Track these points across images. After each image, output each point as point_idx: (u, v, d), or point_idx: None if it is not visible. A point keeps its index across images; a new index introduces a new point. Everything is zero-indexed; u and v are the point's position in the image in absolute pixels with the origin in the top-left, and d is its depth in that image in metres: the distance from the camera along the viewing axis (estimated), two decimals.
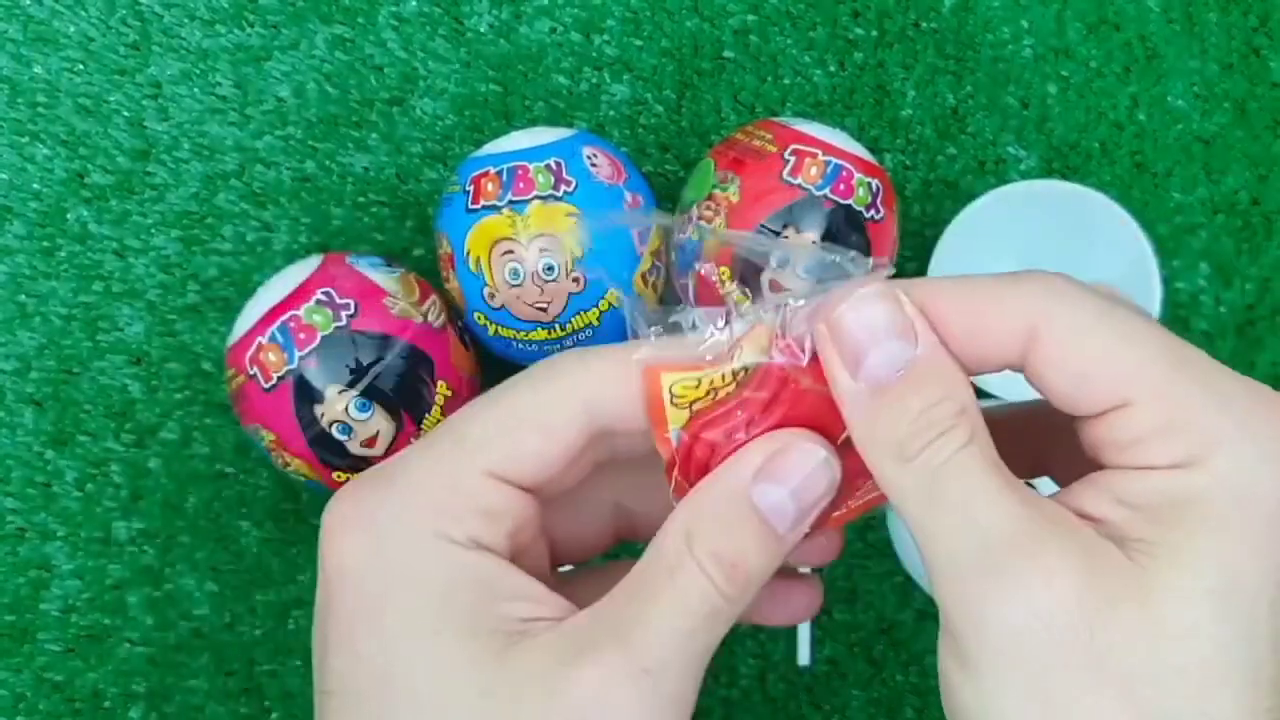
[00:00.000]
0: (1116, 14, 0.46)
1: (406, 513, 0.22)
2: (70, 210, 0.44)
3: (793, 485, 0.22)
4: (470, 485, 0.22)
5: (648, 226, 0.24)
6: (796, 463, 0.22)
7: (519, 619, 0.22)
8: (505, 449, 0.22)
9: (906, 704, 0.46)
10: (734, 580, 0.22)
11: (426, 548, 0.22)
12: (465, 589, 0.22)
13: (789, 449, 0.22)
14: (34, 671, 0.43)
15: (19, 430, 0.44)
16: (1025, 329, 0.21)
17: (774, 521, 0.22)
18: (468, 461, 0.22)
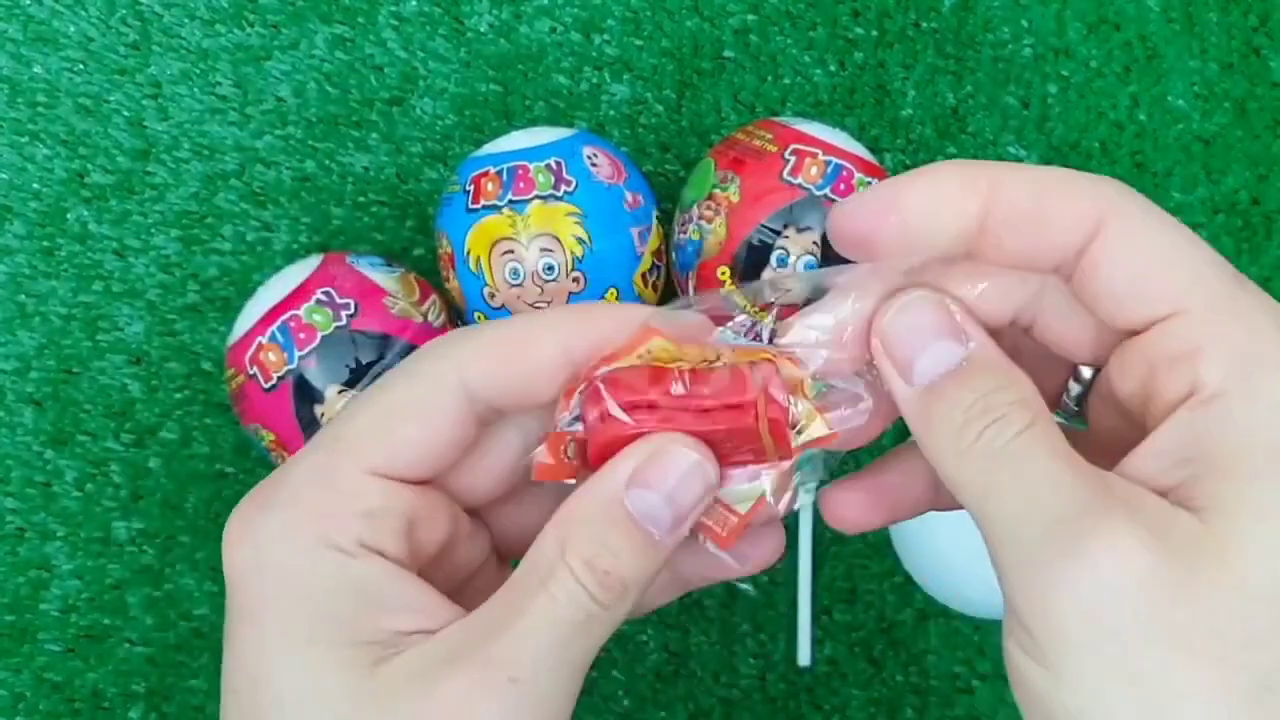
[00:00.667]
0: (1117, 14, 0.46)
1: (288, 521, 0.22)
2: (70, 210, 0.44)
3: (667, 490, 0.22)
4: (350, 486, 0.22)
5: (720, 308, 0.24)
6: (671, 467, 0.22)
7: (397, 631, 0.22)
8: (382, 444, 0.22)
9: (906, 704, 0.46)
10: (608, 588, 0.22)
11: (307, 556, 0.22)
12: (344, 598, 0.21)
13: (662, 453, 0.22)
14: (34, 671, 0.43)
15: (19, 430, 0.43)
16: (1094, 217, 0.20)
17: (649, 527, 0.22)
18: (345, 462, 0.22)
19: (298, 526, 0.22)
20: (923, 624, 0.46)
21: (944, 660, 0.46)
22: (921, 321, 0.22)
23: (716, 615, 0.46)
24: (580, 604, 0.21)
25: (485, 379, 0.22)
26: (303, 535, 0.22)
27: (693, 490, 0.22)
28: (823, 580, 0.46)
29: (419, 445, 0.22)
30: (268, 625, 0.22)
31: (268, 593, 0.22)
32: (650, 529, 0.22)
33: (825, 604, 0.46)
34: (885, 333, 0.22)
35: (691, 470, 0.22)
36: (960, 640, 0.46)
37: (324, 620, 0.21)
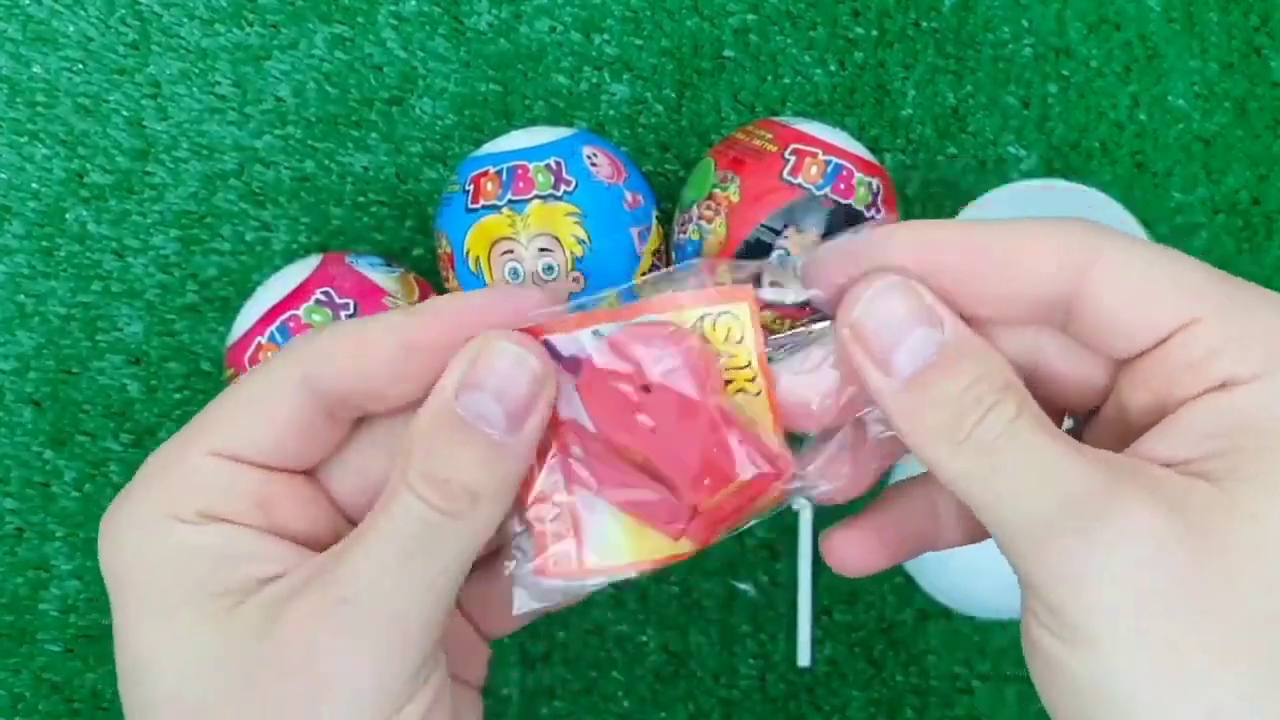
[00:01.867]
0: (1117, 13, 0.46)
1: (137, 504, 0.23)
2: (69, 210, 0.44)
3: (492, 386, 0.22)
4: (194, 465, 0.23)
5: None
6: (491, 364, 0.22)
7: (256, 579, 0.22)
8: (225, 428, 0.23)
9: (906, 704, 0.46)
10: (450, 494, 0.21)
11: (154, 530, 0.22)
12: (195, 560, 0.22)
13: (483, 351, 0.22)
14: (33, 672, 0.43)
15: (18, 430, 0.43)
16: (1073, 261, 0.21)
17: (486, 428, 0.22)
18: (190, 445, 0.23)
19: (144, 508, 0.23)
20: (923, 624, 0.46)
21: (944, 660, 0.46)
22: (895, 310, 0.21)
23: (716, 615, 0.45)
24: (421, 515, 0.21)
25: (327, 371, 0.23)
26: (149, 515, 0.23)
27: (519, 381, 0.22)
28: (823, 580, 0.46)
29: (259, 429, 0.23)
30: (130, 605, 0.22)
31: (126, 575, 0.22)
32: (487, 430, 0.22)
33: (825, 604, 0.46)
34: (859, 324, 0.22)
35: (514, 363, 0.22)
36: (960, 640, 0.46)
37: (175, 585, 0.22)
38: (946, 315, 0.21)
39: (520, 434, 0.22)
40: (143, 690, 0.22)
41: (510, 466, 0.22)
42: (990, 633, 0.46)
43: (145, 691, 0.22)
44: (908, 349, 0.21)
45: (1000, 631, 0.46)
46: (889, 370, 0.21)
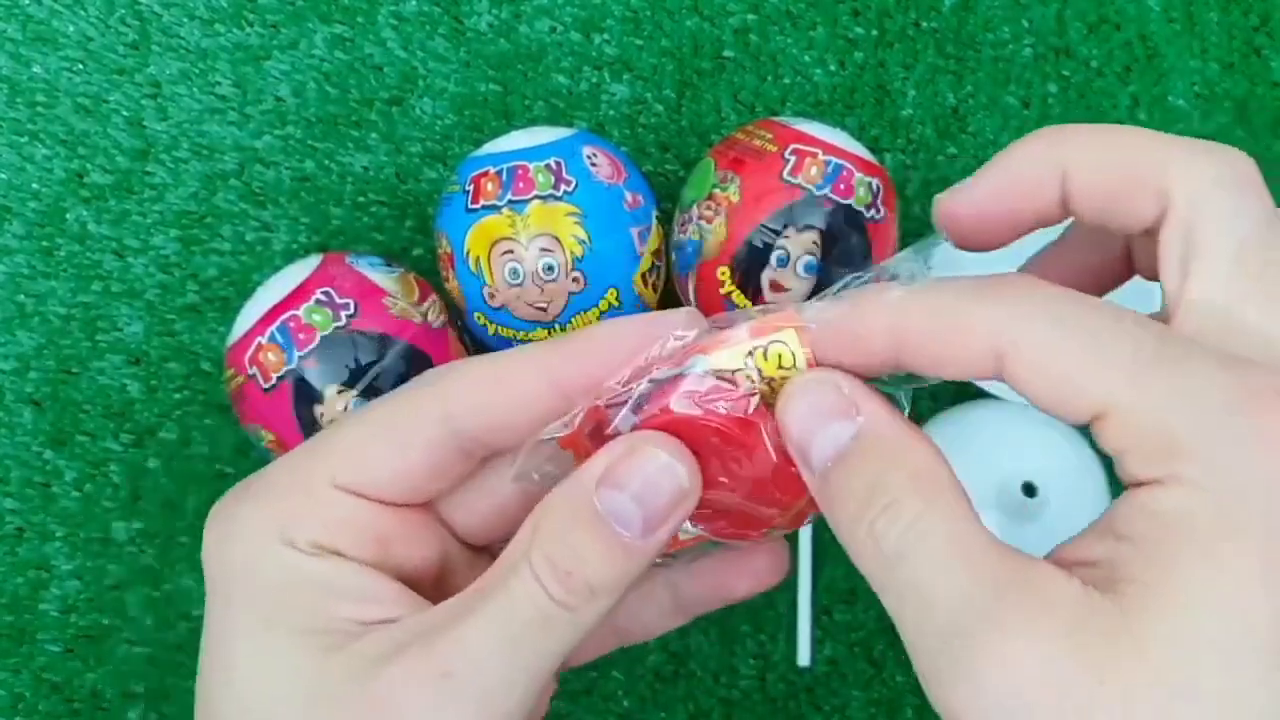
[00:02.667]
0: (1117, 13, 0.46)
1: (254, 517, 0.23)
2: (69, 210, 0.44)
3: (634, 489, 0.22)
4: (318, 494, 0.22)
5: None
6: (638, 467, 0.22)
7: (360, 621, 0.22)
8: (355, 462, 0.23)
9: (906, 704, 0.46)
10: (570, 588, 0.21)
11: (267, 550, 0.22)
12: (303, 590, 0.22)
13: (632, 453, 0.22)
14: (33, 672, 0.43)
15: (18, 430, 0.43)
16: (992, 351, 0.20)
17: (620, 528, 0.22)
18: (318, 469, 0.23)
19: (261, 522, 0.22)
20: None
21: None
22: (811, 405, 0.21)
23: (716, 615, 0.45)
24: (537, 603, 0.21)
25: (468, 410, 0.22)
26: (264, 530, 0.22)
27: (662, 491, 0.22)
28: (823, 580, 0.46)
29: (389, 467, 0.23)
30: (230, 611, 0.22)
31: (231, 582, 0.22)
32: (621, 530, 0.22)
33: (825, 604, 0.46)
34: (782, 421, 0.22)
35: (661, 470, 0.22)
36: None
37: (280, 609, 0.22)
38: (867, 404, 0.21)
39: (651, 540, 0.22)
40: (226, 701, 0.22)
41: (634, 569, 0.22)
42: None
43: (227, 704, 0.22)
44: (819, 443, 0.21)
45: None
46: (809, 463, 0.21)
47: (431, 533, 0.24)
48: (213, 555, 0.23)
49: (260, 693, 0.21)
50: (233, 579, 0.22)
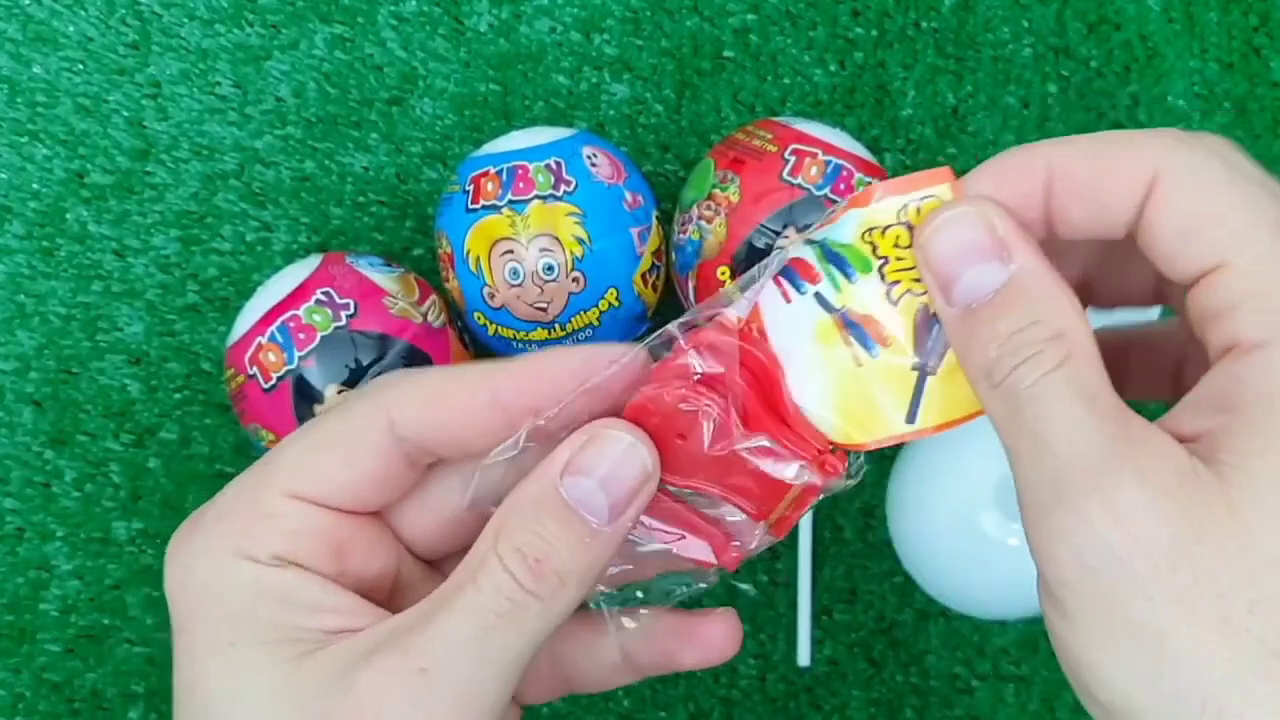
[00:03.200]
0: (1117, 13, 0.46)
1: (211, 537, 0.23)
2: (69, 210, 0.44)
3: (600, 474, 0.22)
4: (271, 506, 0.23)
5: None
6: (602, 451, 0.22)
7: (322, 630, 0.22)
8: (306, 471, 0.23)
9: (906, 704, 0.46)
10: (540, 575, 0.21)
11: (226, 567, 0.22)
12: (265, 603, 0.22)
13: (596, 438, 0.22)
14: (33, 672, 0.43)
15: (18, 430, 0.43)
16: (1149, 174, 0.20)
17: (586, 514, 0.22)
18: (269, 484, 0.23)
19: (218, 542, 0.23)
20: (923, 624, 0.46)
21: (944, 660, 0.46)
22: (961, 239, 0.21)
23: None
24: (507, 593, 0.21)
25: (413, 419, 0.23)
26: (222, 550, 0.22)
27: (628, 474, 0.22)
28: (823, 580, 0.46)
29: (339, 474, 0.23)
30: (195, 634, 0.22)
31: (193, 605, 0.23)
32: (587, 516, 0.22)
33: (825, 604, 0.46)
34: (924, 249, 0.22)
35: (625, 453, 0.22)
36: (960, 640, 0.46)
37: (243, 624, 0.22)
38: (1020, 247, 0.21)
39: (617, 524, 0.22)
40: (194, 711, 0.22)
41: (602, 555, 0.22)
42: (990, 633, 0.46)
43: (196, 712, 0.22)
44: (967, 280, 0.21)
45: (1000, 631, 0.46)
46: (949, 298, 0.21)
47: (386, 543, 0.24)
48: (174, 581, 0.23)
49: (235, 709, 0.22)
50: (195, 601, 0.23)
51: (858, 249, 0.23)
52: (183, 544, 0.23)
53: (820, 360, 0.23)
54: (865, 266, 0.22)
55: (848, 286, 0.23)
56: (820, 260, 0.23)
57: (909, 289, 0.22)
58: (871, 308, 0.22)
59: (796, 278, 0.23)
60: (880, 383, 0.22)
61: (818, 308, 0.23)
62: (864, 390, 0.23)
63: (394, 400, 0.23)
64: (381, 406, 0.23)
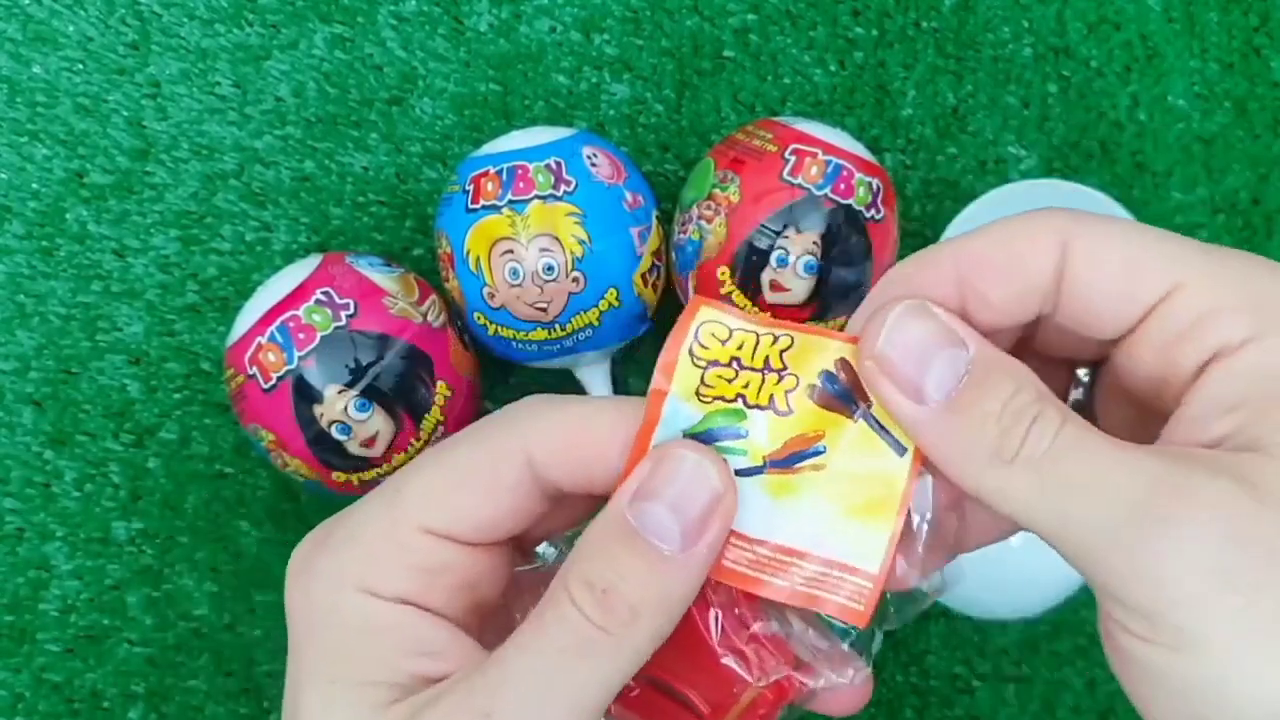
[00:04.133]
0: (1117, 13, 0.46)
1: (335, 566, 0.22)
2: (69, 210, 0.44)
3: (669, 498, 0.21)
4: (405, 539, 0.22)
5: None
6: (669, 472, 0.21)
7: (425, 676, 0.21)
8: (442, 506, 0.22)
9: (907, 704, 0.46)
10: (609, 608, 0.20)
11: (347, 599, 0.22)
12: (376, 642, 0.21)
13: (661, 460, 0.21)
14: (33, 672, 0.43)
15: (18, 430, 0.43)
16: (1058, 244, 0.21)
17: (657, 541, 0.21)
18: (404, 515, 0.22)
19: (342, 570, 0.22)
20: (923, 624, 0.46)
21: (944, 660, 0.46)
22: (918, 334, 0.21)
23: None
24: (573, 628, 0.20)
25: (551, 458, 0.22)
26: (346, 578, 0.22)
27: (698, 495, 0.21)
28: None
29: (477, 513, 0.22)
30: (303, 660, 0.22)
31: (307, 630, 0.22)
32: (658, 543, 0.21)
33: None
34: (883, 354, 0.21)
35: (693, 473, 0.21)
36: (960, 640, 0.46)
37: (348, 660, 0.21)
38: (967, 332, 0.21)
39: (693, 552, 0.21)
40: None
41: (678, 585, 0.21)
42: (990, 633, 0.46)
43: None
44: (936, 373, 0.20)
45: (1000, 632, 0.46)
46: (921, 397, 0.21)
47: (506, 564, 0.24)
48: (294, 599, 0.22)
49: None
50: (310, 626, 0.22)
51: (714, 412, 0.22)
52: (307, 562, 0.22)
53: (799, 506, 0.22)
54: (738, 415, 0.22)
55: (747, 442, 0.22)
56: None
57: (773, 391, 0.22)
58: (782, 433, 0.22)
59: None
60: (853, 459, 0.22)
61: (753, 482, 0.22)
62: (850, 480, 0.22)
63: (535, 436, 0.22)
64: (522, 441, 0.22)
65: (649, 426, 0.22)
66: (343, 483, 0.38)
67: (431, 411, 0.38)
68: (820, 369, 0.22)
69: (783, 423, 0.22)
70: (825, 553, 0.22)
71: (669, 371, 0.22)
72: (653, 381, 0.22)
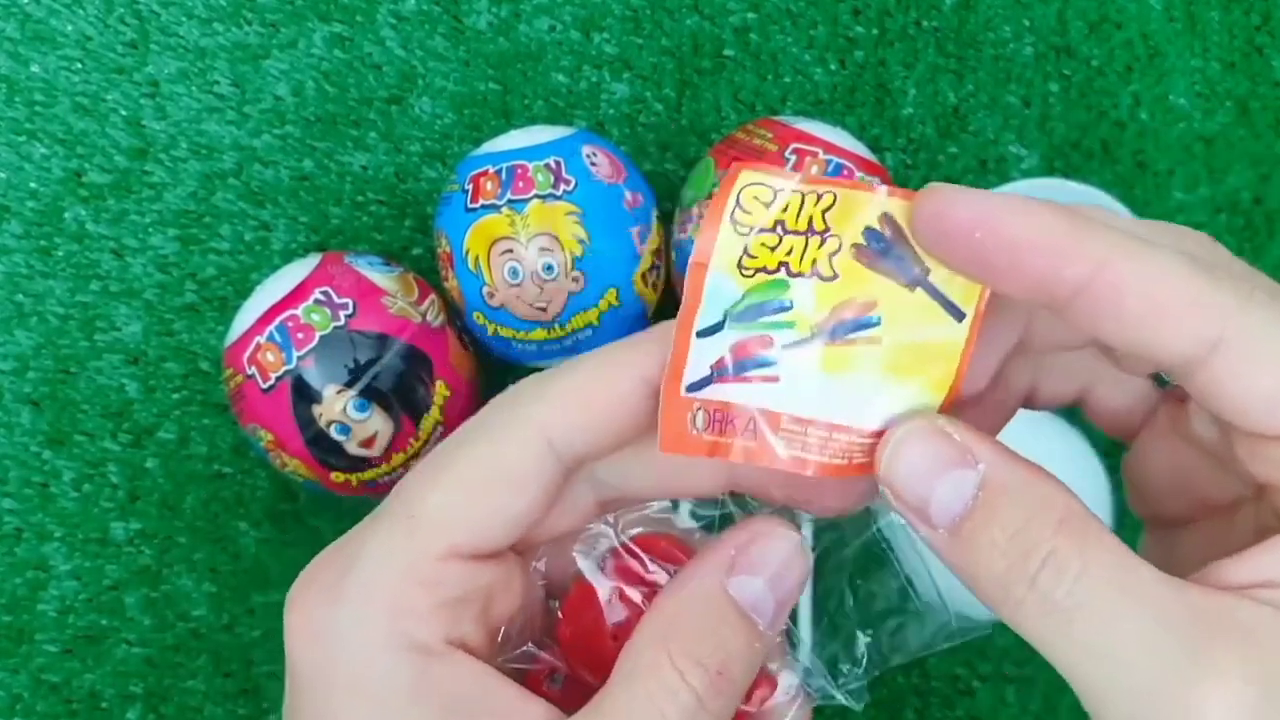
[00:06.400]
0: (1118, 12, 0.46)
1: (363, 615, 0.19)
2: (67, 209, 0.44)
3: (769, 574, 0.20)
4: (432, 572, 0.20)
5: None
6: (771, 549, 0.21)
7: None
8: (469, 519, 0.20)
9: (907, 705, 0.46)
10: (720, 688, 0.20)
11: (384, 658, 0.19)
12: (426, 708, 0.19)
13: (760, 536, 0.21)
14: (31, 672, 0.43)
15: (16, 430, 0.43)
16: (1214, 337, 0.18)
17: (755, 616, 0.20)
18: (427, 543, 0.20)
19: (374, 623, 0.19)
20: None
21: (945, 661, 0.46)
22: (922, 455, 0.20)
23: None
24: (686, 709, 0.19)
25: (571, 433, 0.20)
26: (379, 633, 0.19)
27: (795, 574, 0.21)
28: (822, 583, 0.46)
29: (509, 514, 0.20)
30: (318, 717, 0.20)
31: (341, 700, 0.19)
32: (756, 619, 0.20)
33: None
34: (889, 481, 0.20)
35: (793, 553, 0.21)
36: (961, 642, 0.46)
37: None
38: (984, 449, 0.19)
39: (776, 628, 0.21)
40: None
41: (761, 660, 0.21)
42: (991, 634, 0.46)
43: None
44: (940, 497, 0.19)
45: (1001, 633, 0.46)
46: (931, 522, 0.20)
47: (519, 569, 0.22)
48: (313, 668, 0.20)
49: None
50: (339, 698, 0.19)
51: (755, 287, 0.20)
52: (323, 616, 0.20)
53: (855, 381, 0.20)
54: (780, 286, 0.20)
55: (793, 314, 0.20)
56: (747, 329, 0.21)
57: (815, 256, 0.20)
58: (829, 299, 0.20)
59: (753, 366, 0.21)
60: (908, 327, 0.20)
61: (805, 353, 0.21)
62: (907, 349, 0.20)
63: (548, 418, 0.20)
64: (536, 428, 0.20)
65: (691, 308, 0.20)
66: (341, 483, 0.38)
67: (430, 412, 0.38)
68: (864, 226, 0.20)
69: (829, 288, 0.20)
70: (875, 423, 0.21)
71: (711, 240, 0.20)
72: (693, 253, 0.20)
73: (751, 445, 0.21)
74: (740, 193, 0.20)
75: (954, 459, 0.19)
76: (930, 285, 0.20)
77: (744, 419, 0.21)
